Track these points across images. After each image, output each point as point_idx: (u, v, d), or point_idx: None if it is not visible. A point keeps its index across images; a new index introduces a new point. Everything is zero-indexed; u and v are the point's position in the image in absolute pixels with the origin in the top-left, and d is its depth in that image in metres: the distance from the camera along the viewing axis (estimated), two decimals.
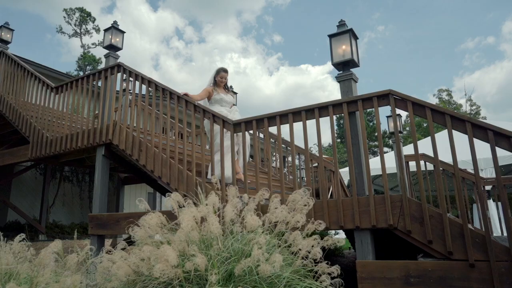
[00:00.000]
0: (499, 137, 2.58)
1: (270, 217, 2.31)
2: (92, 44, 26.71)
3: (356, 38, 3.38)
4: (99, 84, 5.13)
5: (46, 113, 5.49)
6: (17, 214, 9.12)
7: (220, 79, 4.71)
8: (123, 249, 2.42)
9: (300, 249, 2.12)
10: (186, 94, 4.18)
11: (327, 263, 2.49)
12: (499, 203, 6.54)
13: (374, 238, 3.32)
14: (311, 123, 3.33)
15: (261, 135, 6.60)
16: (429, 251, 2.73)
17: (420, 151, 4.54)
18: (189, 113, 4.02)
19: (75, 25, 25.63)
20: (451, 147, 2.74)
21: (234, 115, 4.51)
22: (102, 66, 28.17)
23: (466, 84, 57.34)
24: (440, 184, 2.79)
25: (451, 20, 55.07)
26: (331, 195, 5.86)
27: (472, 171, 7.20)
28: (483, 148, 3.44)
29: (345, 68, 3.31)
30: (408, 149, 8.14)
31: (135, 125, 4.48)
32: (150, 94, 4.44)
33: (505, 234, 5.69)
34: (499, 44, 49.34)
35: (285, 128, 3.64)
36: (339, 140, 27.86)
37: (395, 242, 3.65)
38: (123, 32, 5.21)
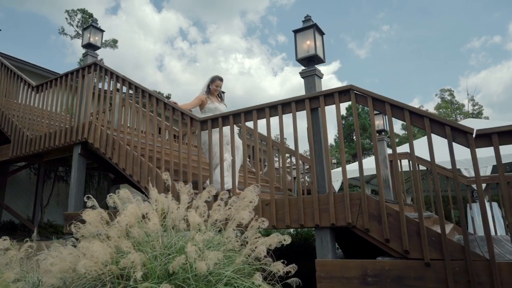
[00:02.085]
0: (456, 132, 2.51)
1: (212, 214, 2.27)
2: None
3: (321, 33, 3.33)
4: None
5: (27, 111, 5.51)
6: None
7: (215, 88, 4.47)
8: None
9: (235, 247, 2.07)
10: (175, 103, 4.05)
11: (282, 262, 2.44)
12: (493, 203, 6.43)
13: (345, 237, 3.25)
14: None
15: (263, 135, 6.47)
16: (387, 250, 2.66)
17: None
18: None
19: (77, 26, 25.81)
20: (409, 142, 2.68)
21: None
22: None
23: (472, 84, 56.73)
24: (398, 181, 2.72)
25: (457, 20, 54.44)
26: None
27: (467, 173, 7.10)
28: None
29: (309, 64, 3.26)
30: (399, 149, 8.01)
31: (109, 120, 4.46)
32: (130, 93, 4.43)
33: (498, 234, 5.57)
34: (506, 44, 48.66)
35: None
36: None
37: (364, 241, 3.59)
38: (102, 31, 5.21)
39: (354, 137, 27.50)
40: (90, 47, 5.07)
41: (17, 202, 10.12)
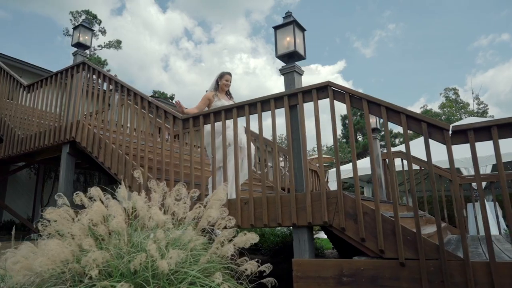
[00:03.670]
0: (432, 128, 2.46)
1: (178, 212, 2.24)
2: (98, 46, 27.01)
3: (302, 30, 3.28)
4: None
5: (19, 110, 5.53)
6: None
7: (225, 83, 4.23)
8: None
9: (196, 246, 2.04)
10: (178, 103, 3.95)
11: (257, 261, 2.41)
12: (489, 203, 6.32)
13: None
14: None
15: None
16: (363, 250, 2.61)
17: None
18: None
19: None
20: (386, 141, 2.62)
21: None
22: (106, 68, 27.72)
23: (480, 83, 55.95)
24: (375, 180, 2.67)
25: (463, 18, 53.67)
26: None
27: (466, 172, 6.98)
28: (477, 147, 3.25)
29: (289, 61, 3.21)
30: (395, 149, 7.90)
31: (97, 119, 4.46)
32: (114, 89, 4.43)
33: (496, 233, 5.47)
34: None
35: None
36: (344, 140, 27.52)
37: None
38: (92, 31, 5.22)
39: (357, 137, 27.35)
40: (79, 46, 5.08)
41: (18, 202, 10.18)
